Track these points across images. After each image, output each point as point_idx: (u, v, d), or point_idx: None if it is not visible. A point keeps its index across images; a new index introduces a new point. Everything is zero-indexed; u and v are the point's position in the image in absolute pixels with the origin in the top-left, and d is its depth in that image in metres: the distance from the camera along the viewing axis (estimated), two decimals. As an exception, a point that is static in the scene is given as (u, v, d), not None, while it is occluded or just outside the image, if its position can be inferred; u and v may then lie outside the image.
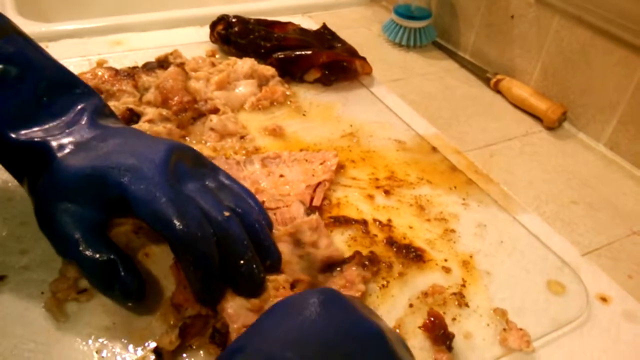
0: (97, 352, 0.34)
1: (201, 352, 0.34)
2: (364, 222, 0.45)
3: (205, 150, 0.52)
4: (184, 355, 0.34)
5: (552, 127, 0.61)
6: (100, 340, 0.35)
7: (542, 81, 0.65)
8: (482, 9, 0.71)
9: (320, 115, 0.59)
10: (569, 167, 0.57)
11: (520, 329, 0.38)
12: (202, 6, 0.79)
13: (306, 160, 0.49)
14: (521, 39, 0.66)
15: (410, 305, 0.39)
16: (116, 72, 0.57)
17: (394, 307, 0.39)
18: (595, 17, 0.57)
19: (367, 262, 0.40)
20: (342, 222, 0.45)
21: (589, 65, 0.59)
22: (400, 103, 0.63)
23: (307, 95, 0.63)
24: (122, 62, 0.64)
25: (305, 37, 0.70)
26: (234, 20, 0.67)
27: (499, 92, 0.67)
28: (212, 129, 0.54)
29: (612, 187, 0.54)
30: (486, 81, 0.69)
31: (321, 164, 0.49)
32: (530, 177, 0.54)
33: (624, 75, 0.55)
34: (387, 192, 0.49)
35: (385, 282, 0.40)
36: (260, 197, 0.45)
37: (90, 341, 0.34)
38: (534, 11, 0.64)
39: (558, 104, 0.61)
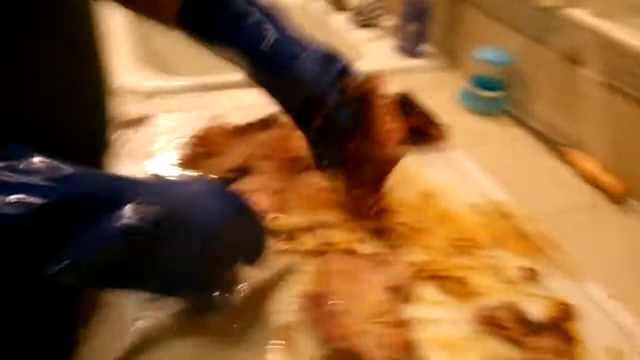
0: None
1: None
2: (447, 278, 0.52)
3: (303, 200, 0.61)
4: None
5: (618, 202, 0.66)
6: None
7: (609, 157, 0.70)
8: (553, 84, 0.77)
9: (399, 175, 0.67)
10: (635, 243, 0.61)
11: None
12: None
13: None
14: (590, 116, 0.72)
15: (485, 357, 0.45)
16: (227, 131, 0.67)
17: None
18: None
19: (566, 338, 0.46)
20: (427, 278, 0.52)
21: (656, 147, 0.64)
22: (474, 168, 0.70)
23: (391, 156, 0.70)
24: (233, 117, 0.74)
25: (388, 101, 0.79)
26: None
27: (567, 162, 0.73)
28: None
29: (674, 263, 0.59)
30: (555, 151, 0.75)
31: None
32: (596, 248, 0.60)
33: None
34: (464, 252, 0.55)
35: (462, 334, 0.47)
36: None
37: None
38: (602, 93, 0.70)
39: (624, 181, 0.67)
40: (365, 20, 1.07)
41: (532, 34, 0.79)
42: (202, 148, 0.65)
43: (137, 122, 0.72)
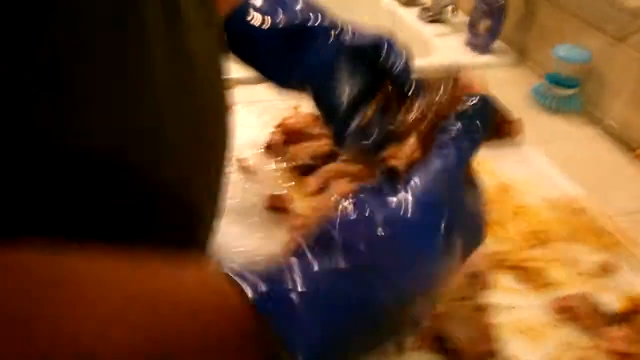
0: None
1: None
2: (524, 268, 0.54)
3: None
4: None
5: (697, 202, 0.66)
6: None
7: (689, 157, 0.70)
8: (632, 83, 0.77)
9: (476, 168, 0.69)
10: None
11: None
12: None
13: None
14: (671, 116, 0.72)
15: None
16: (317, 117, 0.71)
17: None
18: None
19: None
20: (504, 267, 0.54)
21: None
22: (549, 164, 0.71)
23: (465, 149, 0.73)
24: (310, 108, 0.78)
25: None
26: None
27: (643, 162, 0.73)
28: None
29: None
30: (630, 151, 0.75)
31: None
32: (673, 247, 0.60)
33: None
34: (542, 244, 0.57)
35: (540, 321, 0.49)
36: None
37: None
38: (687, 93, 0.69)
39: None
40: (434, 16, 1.09)
41: (613, 33, 0.79)
42: (286, 135, 0.69)
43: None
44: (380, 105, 0.48)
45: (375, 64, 0.45)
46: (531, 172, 0.69)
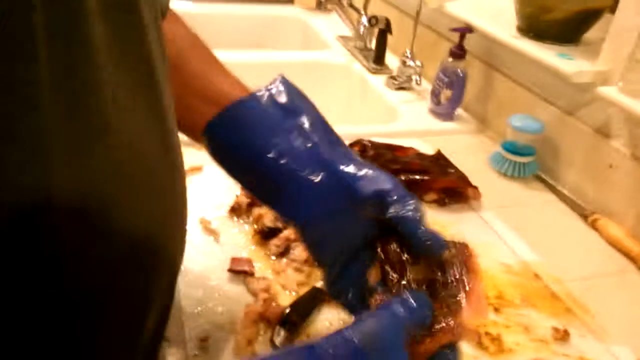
0: None
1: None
2: (477, 335, 0.55)
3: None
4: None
5: (646, 269, 0.69)
6: None
7: (636, 225, 0.73)
8: (582, 153, 0.81)
9: (436, 232, 0.71)
10: (661, 308, 0.63)
11: None
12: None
13: None
14: (618, 185, 0.76)
15: (518, 411, 0.48)
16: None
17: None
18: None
19: None
20: (459, 330, 0.55)
21: (682, 218, 0.67)
22: (506, 229, 0.73)
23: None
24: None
25: (424, 162, 0.84)
26: (368, 144, 0.83)
27: (595, 229, 0.76)
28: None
29: (702, 332, 0.60)
30: (583, 217, 0.78)
31: None
32: (624, 313, 0.62)
33: None
34: (496, 310, 0.58)
35: (495, 388, 0.49)
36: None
37: None
38: (629, 164, 0.74)
39: (651, 248, 0.69)
40: (400, 84, 1.14)
41: (563, 106, 0.84)
42: (250, 197, 0.70)
43: (190, 172, 0.78)
44: (379, 273, 0.42)
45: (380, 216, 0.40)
46: (489, 236, 0.71)
